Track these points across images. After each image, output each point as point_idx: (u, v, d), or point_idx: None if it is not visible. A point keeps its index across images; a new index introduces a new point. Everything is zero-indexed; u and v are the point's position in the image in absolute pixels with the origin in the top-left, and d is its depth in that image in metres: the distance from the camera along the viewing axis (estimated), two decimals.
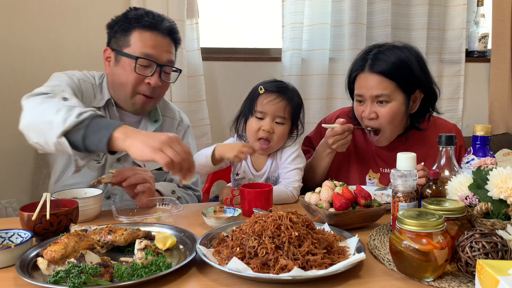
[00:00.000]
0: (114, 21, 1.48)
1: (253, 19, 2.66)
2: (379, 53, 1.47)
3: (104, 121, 1.16)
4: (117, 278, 0.85)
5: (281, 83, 1.54)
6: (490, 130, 1.21)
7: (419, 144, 1.57)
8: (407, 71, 1.45)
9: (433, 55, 2.69)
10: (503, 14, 2.76)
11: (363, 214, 1.14)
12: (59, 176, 1.52)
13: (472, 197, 0.98)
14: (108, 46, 1.50)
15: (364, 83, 1.48)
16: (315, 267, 0.85)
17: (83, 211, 1.21)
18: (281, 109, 1.47)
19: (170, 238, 1.00)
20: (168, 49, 1.48)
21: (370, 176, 1.62)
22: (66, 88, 1.36)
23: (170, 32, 1.48)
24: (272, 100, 1.47)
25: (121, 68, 1.44)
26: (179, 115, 1.72)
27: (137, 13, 1.45)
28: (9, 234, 1.03)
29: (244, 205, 1.30)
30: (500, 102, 2.84)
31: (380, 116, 1.47)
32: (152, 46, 1.43)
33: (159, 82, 1.45)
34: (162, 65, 1.45)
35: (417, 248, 0.82)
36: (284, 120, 1.49)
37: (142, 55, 1.41)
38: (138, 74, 1.42)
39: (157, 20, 1.44)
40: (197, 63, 2.36)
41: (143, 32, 1.43)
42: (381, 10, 2.55)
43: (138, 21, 1.43)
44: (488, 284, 0.68)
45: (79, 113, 1.14)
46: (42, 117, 1.18)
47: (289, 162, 1.51)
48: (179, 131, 1.68)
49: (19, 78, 2.15)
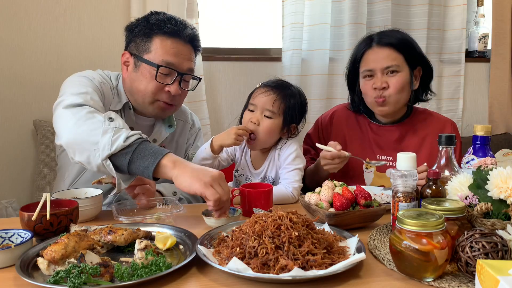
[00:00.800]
0: (134, 25, 1.46)
1: (253, 19, 2.66)
2: (384, 32, 1.59)
3: (150, 146, 1.16)
4: (117, 278, 0.85)
5: (282, 81, 1.56)
6: (490, 130, 1.21)
7: (413, 133, 1.64)
8: (411, 46, 1.57)
9: (433, 55, 2.69)
10: (503, 14, 2.76)
11: (363, 214, 1.14)
12: (73, 180, 1.50)
13: (472, 197, 0.98)
14: (126, 50, 1.47)
15: (374, 56, 1.55)
16: (315, 267, 0.85)
17: (83, 211, 1.21)
18: (269, 102, 1.48)
19: (170, 238, 1.00)
20: (189, 57, 1.47)
21: (367, 165, 1.65)
22: (94, 95, 1.34)
23: (191, 40, 1.47)
24: (262, 92, 1.50)
25: (140, 74, 1.42)
26: (191, 117, 1.72)
27: (159, 18, 1.43)
28: (9, 234, 1.03)
29: (244, 205, 1.30)
30: (500, 102, 2.84)
31: (390, 85, 1.53)
32: (174, 54, 1.41)
33: (179, 91, 1.44)
34: (182, 74, 1.43)
35: (417, 248, 0.82)
36: (273, 115, 1.49)
37: (163, 63, 1.39)
38: (158, 82, 1.41)
39: (179, 27, 1.43)
40: (197, 63, 2.35)
41: (165, 39, 1.41)
42: (381, 10, 2.54)
43: (160, 27, 1.40)
44: (488, 284, 0.68)
45: (126, 137, 1.14)
46: (87, 137, 1.17)
47: (289, 162, 1.51)
48: (191, 134, 1.68)
49: (19, 78, 2.15)
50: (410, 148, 1.60)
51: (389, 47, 1.54)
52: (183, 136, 1.67)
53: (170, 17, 1.45)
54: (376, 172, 1.63)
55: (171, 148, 1.61)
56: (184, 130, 1.67)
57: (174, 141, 1.63)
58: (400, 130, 1.65)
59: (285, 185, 1.48)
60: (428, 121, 1.66)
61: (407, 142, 1.63)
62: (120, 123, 1.21)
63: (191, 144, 1.69)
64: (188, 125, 1.68)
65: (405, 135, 1.64)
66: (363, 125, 1.70)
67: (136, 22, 1.46)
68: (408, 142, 1.63)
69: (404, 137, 1.64)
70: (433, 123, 1.65)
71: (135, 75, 1.44)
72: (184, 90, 1.49)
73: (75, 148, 1.20)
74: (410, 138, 1.63)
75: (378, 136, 1.67)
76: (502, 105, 2.84)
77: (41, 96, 2.17)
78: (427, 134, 1.63)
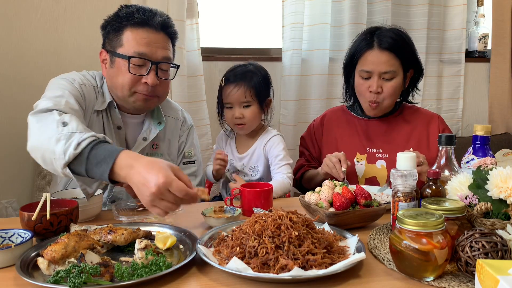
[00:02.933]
0: (106, 22, 1.44)
1: (253, 19, 2.66)
2: (384, 32, 1.60)
3: (101, 152, 1.08)
4: (117, 278, 0.85)
5: (239, 68, 1.70)
6: (490, 130, 1.21)
7: (401, 126, 1.71)
8: (408, 50, 1.62)
9: (433, 55, 2.69)
10: (503, 14, 2.76)
11: (363, 214, 1.14)
12: (66, 183, 1.50)
13: (472, 197, 0.98)
14: (103, 48, 1.46)
15: (374, 59, 1.58)
16: (315, 266, 0.85)
17: (83, 211, 1.21)
18: (242, 95, 1.65)
19: (170, 238, 1.00)
20: (163, 45, 1.42)
21: (357, 158, 1.71)
22: (70, 98, 1.32)
23: (163, 27, 1.42)
24: (231, 90, 1.66)
25: (116, 69, 1.40)
26: (182, 114, 1.70)
27: (128, 11, 1.40)
28: (9, 234, 1.03)
29: (244, 204, 1.30)
30: (500, 102, 2.84)
31: (384, 90, 1.60)
32: (145, 44, 1.38)
33: (156, 80, 1.40)
34: (157, 63, 1.40)
35: (417, 247, 0.82)
36: (250, 102, 1.66)
37: (135, 54, 1.37)
38: (133, 75, 1.38)
39: (148, 16, 1.39)
40: (197, 63, 2.36)
41: (135, 30, 1.38)
42: (381, 10, 2.54)
43: (128, 19, 1.38)
44: (488, 283, 0.68)
45: (77, 144, 1.08)
46: (46, 145, 1.14)
47: (280, 159, 1.68)
48: (183, 132, 1.66)
49: (19, 78, 2.15)
50: (398, 140, 1.67)
51: (389, 51, 1.57)
52: (175, 134, 1.64)
53: (139, 8, 1.41)
54: (367, 164, 1.70)
55: (164, 146, 1.59)
56: (176, 127, 1.64)
57: (166, 139, 1.61)
58: (389, 123, 1.72)
59: (281, 176, 1.64)
60: (416, 114, 1.74)
61: (396, 134, 1.69)
62: (73, 126, 1.15)
63: (184, 142, 1.67)
64: (179, 122, 1.66)
65: (394, 128, 1.71)
66: (351, 122, 1.77)
67: (108, 19, 1.44)
68: (396, 134, 1.69)
69: (392, 130, 1.71)
70: (421, 116, 1.73)
71: (112, 71, 1.42)
72: (164, 80, 1.45)
73: (38, 157, 1.17)
74: (398, 130, 1.70)
75: (367, 129, 1.73)
76: (502, 105, 2.84)
77: (41, 96, 2.16)
78: (415, 126, 1.70)
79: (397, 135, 1.69)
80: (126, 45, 1.38)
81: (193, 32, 2.34)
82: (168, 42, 1.46)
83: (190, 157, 1.66)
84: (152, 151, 1.56)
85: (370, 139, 1.72)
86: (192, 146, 1.68)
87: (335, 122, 1.81)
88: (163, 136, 1.59)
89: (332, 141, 1.77)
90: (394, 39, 1.58)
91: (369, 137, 1.72)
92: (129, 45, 1.38)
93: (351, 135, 1.75)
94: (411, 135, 1.69)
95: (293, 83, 2.44)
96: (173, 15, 2.20)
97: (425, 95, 2.71)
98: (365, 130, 1.73)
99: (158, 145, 1.57)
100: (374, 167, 1.68)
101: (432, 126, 1.69)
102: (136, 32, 1.38)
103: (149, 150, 1.55)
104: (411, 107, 1.76)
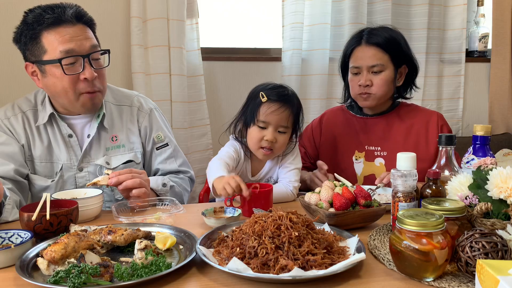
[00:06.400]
0: (18, 34, 1.38)
1: (253, 19, 2.66)
2: (373, 30, 1.66)
3: None
4: (117, 278, 0.85)
5: (282, 90, 1.48)
6: (490, 130, 1.21)
7: (399, 123, 1.71)
8: (397, 46, 1.64)
9: (433, 55, 2.69)
10: (503, 14, 2.76)
11: (363, 214, 1.14)
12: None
13: (472, 197, 0.98)
14: (26, 62, 1.40)
15: (361, 54, 1.63)
16: (315, 267, 0.85)
17: (83, 211, 1.21)
18: (284, 119, 1.45)
19: (170, 238, 1.00)
20: (85, 36, 1.37)
21: (356, 156, 1.73)
22: None
23: (78, 18, 1.37)
24: (275, 110, 1.43)
25: (51, 77, 1.35)
26: (138, 100, 1.61)
27: (36, 14, 1.34)
28: (9, 234, 1.03)
29: (244, 205, 1.30)
30: (500, 102, 2.84)
31: (374, 84, 1.63)
32: (68, 40, 1.32)
33: (93, 73, 1.36)
34: (88, 55, 1.35)
35: (417, 248, 0.82)
36: (287, 129, 1.48)
37: (64, 54, 1.31)
38: (70, 75, 1.34)
39: (59, 13, 1.34)
40: (197, 63, 2.36)
41: (52, 31, 1.32)
42: (381, 10, 2.55)
43: (40, 23, 1.32)
44: (488, 284, 0.68)
45: None
46: None
47: (290, 161, 1.53)
48: (143, 117, 1.58)
49: (19, 78, 2.15)
50: (396, 137, 1.69)
51: (376, 46, 1.61)
52: (132, 121, 1.58)
53: (45, 7, 1.36)
54: (366, 161, 1.71)
55: (123, 136, 1.54)
56: (132, 114, 1.58)
57: (124, 128, 1.55)
58: (387, 121, 1.72)
59: (285, 184, 1.49)
60: (414, 112, 1.74)
61: (394, 131, 1.70)
62: None
63: (148, 126, 1.59)
64: (134, 109, 1.58)
65: (392, 125, 1.71)
66: (350, 121, 1.78)
67: (18, 31, 1.38)
68: (394, 132, 1.70)
69: (391, 127, 1.71)
70: (419, 114, 1.73)
71: (47, 81, 1.37)
72: (100, 70, 1.41)
73: None
74: (396, 127, 1.71)
75: (365, 127, 1.74)
76: (502, 105, 2.84)
77: None
78: (414, 123, 1.70)
79: (395, 133, 1.70)
80: (50, 49, 1.33)
81: (193, 32, 2.34)
82: (88, 30, 1.41)
83: (162, 141, 1.60)
84: (112, 144, 1.52)
85: (369, 137, 1.73)
86: (160, 129, 1.61)
87: (334, 121, 1.82)
88: (120, 126, 1.55)
89: (330, 140, 1.79)
90: (381, 35, 1.62)
91: (368, 135, 1.73)
92: (53, 48, 1.33)
93: (350, 133, 1.76)
94: (410, 132, 1.69)
95: (293, 83, 2.44)
96: (173, 15, 2.21)
97: (425, 95, 2.71)
98: (363, 128, 1.74)
99: (117, 137, 1.53)
100: (373, 165, 1.69)
101: (431, 123, 1.69)
102: (54, 33, 1.33)
103: (109, 144, 1.52)
104: (410, 105, 1.77)
